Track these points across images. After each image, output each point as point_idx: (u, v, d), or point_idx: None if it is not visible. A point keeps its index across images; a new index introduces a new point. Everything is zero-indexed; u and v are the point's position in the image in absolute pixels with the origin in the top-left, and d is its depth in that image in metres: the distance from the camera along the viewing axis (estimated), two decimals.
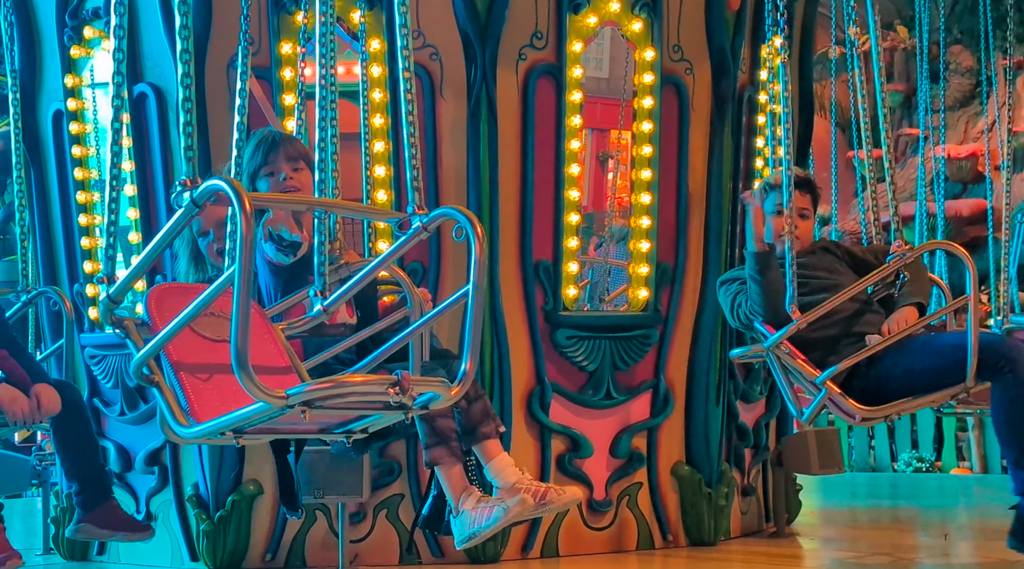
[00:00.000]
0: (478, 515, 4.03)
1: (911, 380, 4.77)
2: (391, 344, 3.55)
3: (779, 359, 4.84)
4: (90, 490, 4.81)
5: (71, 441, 4.82)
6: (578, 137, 6.31)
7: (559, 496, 4.16)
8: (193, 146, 3.25)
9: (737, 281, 5.18)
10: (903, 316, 4.97)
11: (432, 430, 4.08)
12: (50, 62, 6.60)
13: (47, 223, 6.69)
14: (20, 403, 4.62)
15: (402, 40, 3.60)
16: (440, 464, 4.12)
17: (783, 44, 5.30)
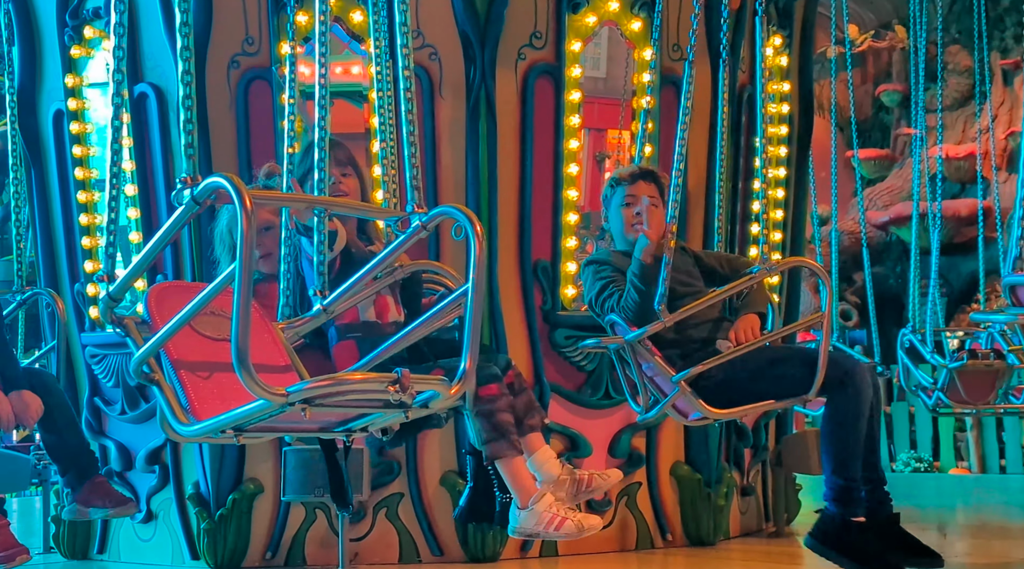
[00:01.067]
0: (548, 520, 4.16)
1: (757, 387, 4.92)
2: (391, 342, 3.56)
3: (634, 354, 4.96)
4: (71, 471, 4.88)
5: (49, 427, 4.89)
6: (577, 137, 6.32)
7: (603, 480, 4.40)
8: (194, 144, 3.26)
9: (609, 267, 5.20)
10: (749, 324, 5.11)
11: (492, 425, 4.16)
12: (50, 62, 6.61)
13: (48, 222, 6.69)
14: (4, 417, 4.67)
15: (402, 39, 3.61)
16: (501, 458, 4.20)
17: (784, 43, 5.32)
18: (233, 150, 6.03)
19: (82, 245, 6.51)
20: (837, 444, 4.81)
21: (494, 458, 4.18)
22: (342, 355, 4.20)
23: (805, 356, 4.93)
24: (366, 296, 4.13)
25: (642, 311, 4.91)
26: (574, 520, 4.20)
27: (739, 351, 4.89)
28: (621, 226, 5.22)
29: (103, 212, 6.47)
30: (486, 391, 4.12)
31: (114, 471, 6.45)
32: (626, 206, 5.26)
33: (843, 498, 4.83)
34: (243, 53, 6.06)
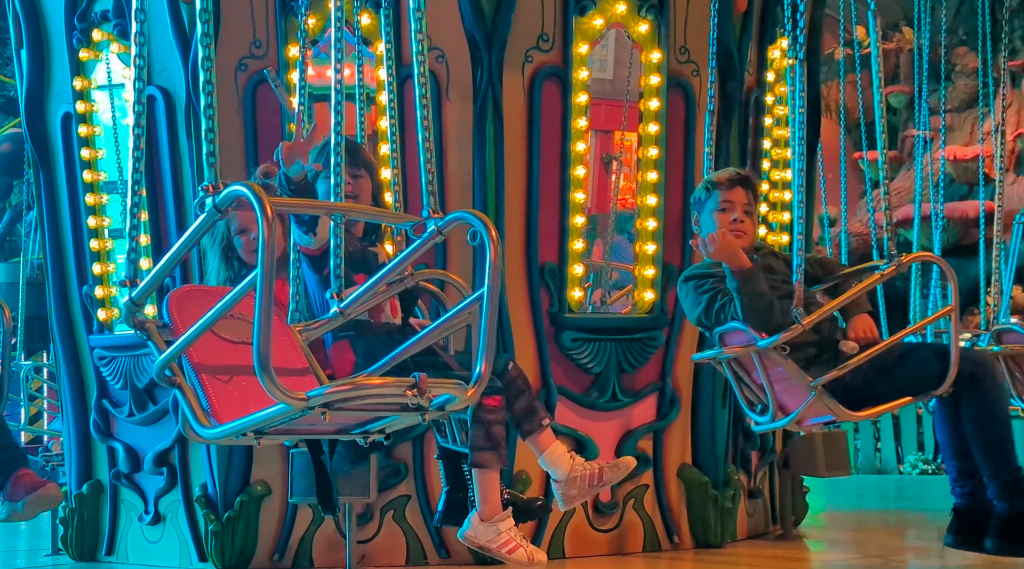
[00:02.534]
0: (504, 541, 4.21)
1: (887, 385, 4.86)
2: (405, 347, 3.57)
3: (762, 362, 4.85)
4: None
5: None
6: (584, 139, 6.33)
7: (614, 472, 4.38)
8: (215, 153, 3.27)
9: (712, 278, 5.06)
10: (867, 323, 5.05)
11: (487, 434, 4.17)
12: (59, 65, 6.62)
13: (56, 225, 6.70)
14: None
15: (416, 45, 3.62)
16: (486, 467, 4.21)
17: (791, 46, 5.30)
18: (241, 153, 6.04)
19: (90, 247, 6.52)
20: (989, 442, 4.69)
21: (480, 465, 4.18)
22: (337, 354, 4.21)
23: (934, 351, 4.83)
24: (378, 301, 4.14)
25: (761, 316, 4.82)
26: (527, 550, 4.23)
27: (875, 351, 4.78)
28: (714, 231, 5.13)
29: (111, 214, 6.53)
30: (490, 401, 4.13)
31: (122, 473, 6.46)
32: (721, 212, 5.15)
33: (1010, 493, 4.70)
34: (250, 56, 6.07)
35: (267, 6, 6.01)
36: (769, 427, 5.00)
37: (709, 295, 4.97)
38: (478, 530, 4.25)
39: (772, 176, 7.07)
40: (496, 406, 4.21)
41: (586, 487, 4.37)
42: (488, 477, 4.23)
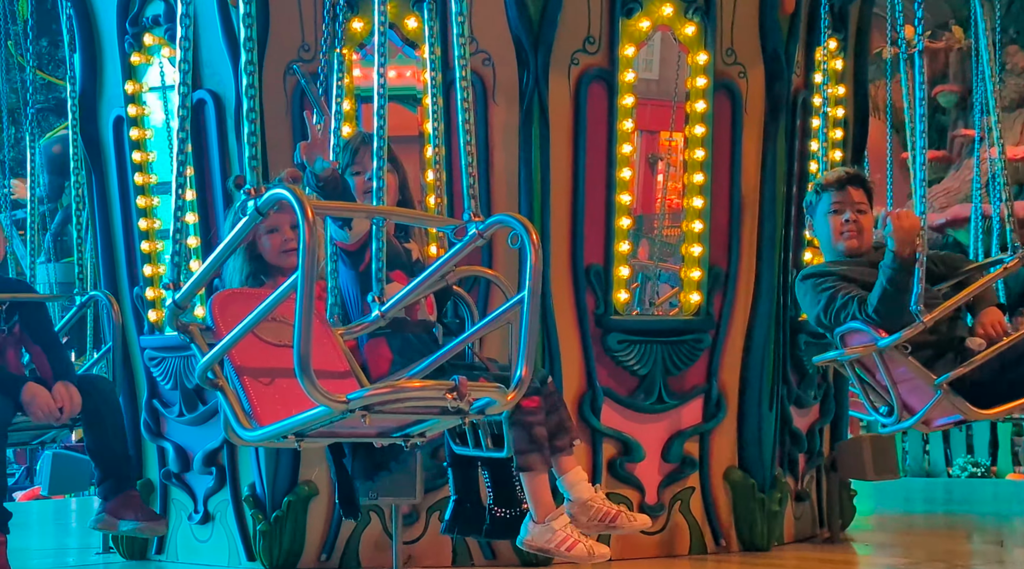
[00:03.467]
0: (562, 540, 4.17)
1: (1014, 382, 4.77)
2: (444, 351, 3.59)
3: (885, 361, 4.76)
4: (110, 479, 4.88)
5: (96, 431, 4.89)
6: (629, 141, 6.31)
7: (629, 522, 4.33)
8: (257, 156, 3.31)
9: (831, 277, 5.02)
10: (996, 317, 4.95)
11: (530, 437, 4.15)
12: (111, 68, 6.70)
13: (108, 227, 6.78)
14: (40, 400, 4.70)
15: (459, 49, 3.64)
16: (532, 470, 4.19)
17: (839, 46, 5.29)
18: (289, 155, 6.05)
19: (141, 249, 6.59)
20: None
21: (525, 469, 4.16)
22: (373, 352, 4.20)
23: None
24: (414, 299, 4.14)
25: (900, 310, 4.68)
26: (586, 545, 4.20)
27: (1003, 346, 4.70)
28: (829, 234, 5.09)
29: (163, 217, 6.60)
30: (529, 403, 4.11)
31: (172, 473, 6.52)
32: (834, 213, 5.13)
33: None
34: (299, 59, 6.11)
35: (315, 9, 6.05)
36: (896, 428, 4.92)
37: (829, 292, 4.92)
38: (534, 533, 4.23)
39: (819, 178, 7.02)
40: (535, 407, 4.20)
41: (596, 520, 4.29)
42: (536, 479, 4.21)
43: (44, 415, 4.74)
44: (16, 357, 5.04)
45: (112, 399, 4.99)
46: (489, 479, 4.49)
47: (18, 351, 5.06)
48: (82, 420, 4.90)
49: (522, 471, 4.20)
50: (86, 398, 4.85)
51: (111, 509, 4.83)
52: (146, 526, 4.86)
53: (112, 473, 4.87)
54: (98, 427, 4.88)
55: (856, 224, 5.06)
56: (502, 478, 4.49)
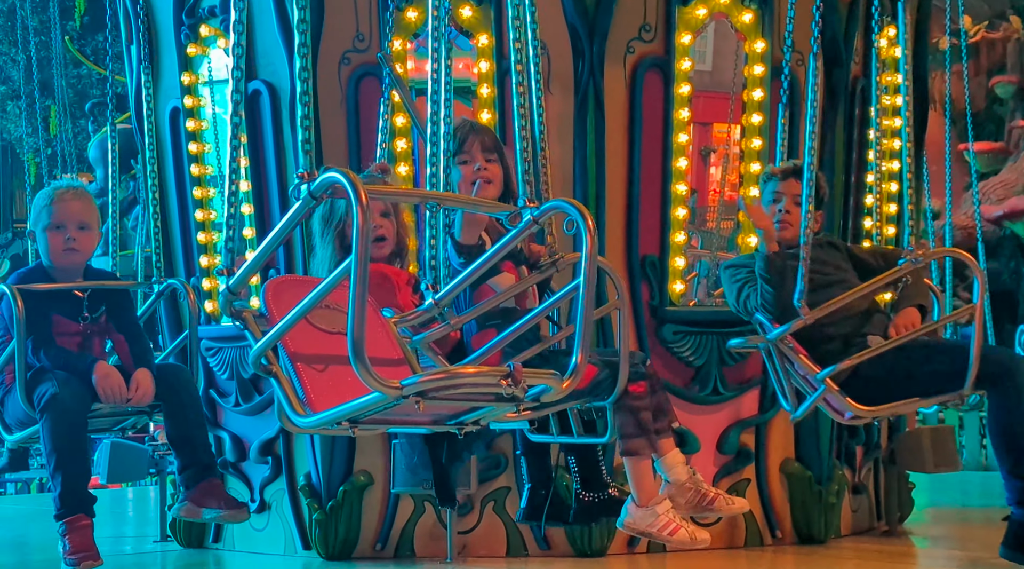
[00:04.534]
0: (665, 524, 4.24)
1: (910, 383, 4.79)
2: (504, 335, 3.58)
3: (780, 352, 4.87)
4: (191, 468, 4.90)
5: (175, 420, 4.92)
6: (686, 130, 6.27)
7: (728, 505, 4.44)
8: (311, 139, 3.30)
9: (744, 269, 5.18)
10: (908, 319, 4.97)
11: (637, 421, 4.22)
12: (167, 60, 6.74)
13: (164, 218, 6.82)
14: (111, 379, 4.73)
15: (514, 33, 3.62)
16: (638, 455, 4.25)
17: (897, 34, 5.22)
18: (344, 146, 6.09)
19: (197, 240, 6.63)
20: (1007, 443, 4.66)
21: (631, 453, 4.21)
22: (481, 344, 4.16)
23: (960, 351, 4.76)
24: (520, 289, 4.16)
25: (782, 308, 4.82)
26: (688, 529, 4.26)
27: (884, 347, 4.77)
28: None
29: (218, 208, 6.64)
30: (636, 388, 4.18)
31: (229, 462, 6.56)
32: (772, 203, 5.19)
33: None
34: (353, 50, 6.12)
35: (370, 0, 6.05)
36: (795, 417, 4.99)
37: (738, 285, 5.10)
38: (636, 517, 4.28)
39: (879, 167, 6.94)
40: (642, 392, 4.26)
41: (694, 502, 4.38)
42: (641, 464, 4.27)
43: (112, 396, 4.76)
44: (101, 346, 5.09)
45: (192, 387, 5.03)
46: (576, 464, 4.51)
47: (103, 341, 5.11)
48: (162, 408, 4.94)
49: (627, 456, 4.26)
50: (165, 387, 4.88)
51: (194, 497, 4.86)
52: (229, 514, 4.90)
53: (194, 461, 4.91)
54: (179, 416, 4.92)
55: (789, 215, 5.10)
56: (588, 462, 4.51)
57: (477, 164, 4.36)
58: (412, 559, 6.04)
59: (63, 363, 4.79)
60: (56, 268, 5.02)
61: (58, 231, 4.97)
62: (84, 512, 4.70)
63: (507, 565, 5.91)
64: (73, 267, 5.04)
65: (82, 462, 4.74)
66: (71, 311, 4.99)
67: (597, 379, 4.11)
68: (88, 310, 5.02)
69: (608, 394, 4.08)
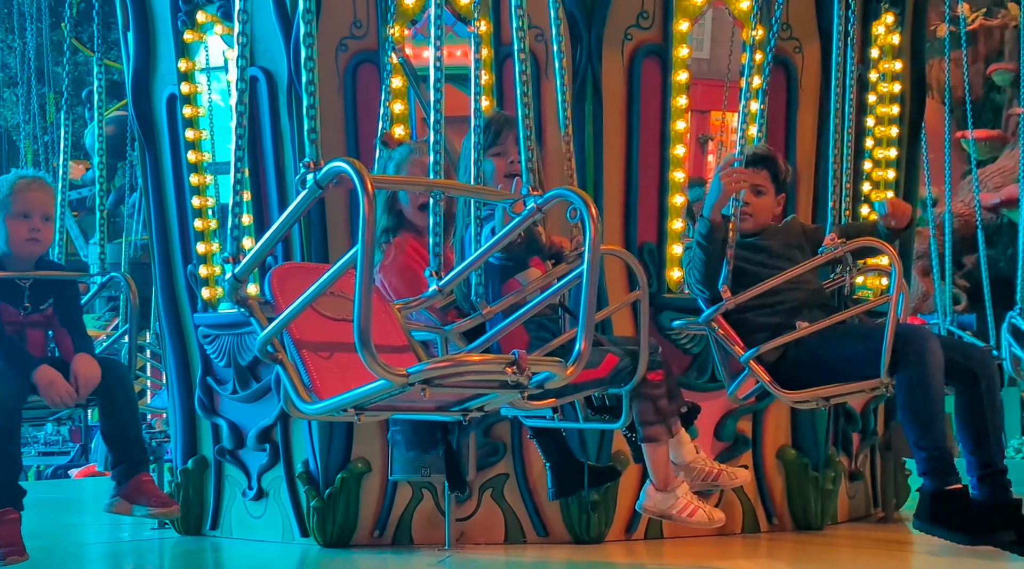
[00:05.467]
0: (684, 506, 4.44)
1: (836, 368, 4.83)
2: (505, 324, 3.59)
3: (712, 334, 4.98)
4: (123, 463, 4.90)
5: (111, 416, 4.92)
6: (683, 118, 6.27)
7: (731, 479, 4.65)
8: (316, 128, 3.31)
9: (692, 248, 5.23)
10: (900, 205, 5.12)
11: (656, 409, 4.35)
12: (164, 47, 6.72)
13: (161, 205, 6.82)
14: (57, 387, 4.73)
15: (517, 21, 3.61)
16: (658, 441, 4.40)
17: (896, 21, 5.24)
18: (342, 133, 6.08)
19: (194, 227, 6.62)
20: (911, 415, 4.71)
21: (651, 440, 4.30)
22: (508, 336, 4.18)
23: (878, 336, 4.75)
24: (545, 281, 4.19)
25: (709, 276, 4.89)
26: (706, 510, 4.46)
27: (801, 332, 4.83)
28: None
29: (214, 194, 6.63)
30: (655, 376, 4.28)
31: (226, 449, 6.57)
32: None
33: (933, 468, 4.71)
34: (351, 36, 6.11)
35: None
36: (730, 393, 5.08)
37: (687, 259, 5.19)
38: (655, 499, 4.44)
39: (875, 155, 6.96)
40: (659, 380, 4.39)
41: (699, 480, 4.54)
42: (660, 449, 4.41)
43: (60, 402, 4.77)
44: (43, 339, 5.07)
45: (127, 383, 5.01)
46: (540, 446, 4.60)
47: (45, 332, 5.08)
48: (97, 403, 4.92)
49: (647, 442, 4.40)
50: (101, 383, 4.86)
51: (125, 493, 4.87)
52: (159, 511, 4.91)
53: (126, 457, 4.91)
54: (112, 411, 4.91)
55: (749, 206, 5.12)
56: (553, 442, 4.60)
57: (510, 158, 4.40)
58: (410, 546, 6.05)
59: (6, 354, 4.77)
60: (13, 256, 5.00)
61: (24, 220, 4.96)
62: (13, 505, 4.69)
63: (505, 552, 5.92)
64: (31, 257, 5.03)
65: (14, 456, 4.75)
66: (15, 299, 4.97)
67: (618, 367, 4.18)
68: (29, 300, 5.00)
69: (627, 382, 4.15)
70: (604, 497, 5.92)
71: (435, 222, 3.84)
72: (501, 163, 4.42)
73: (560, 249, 4.31)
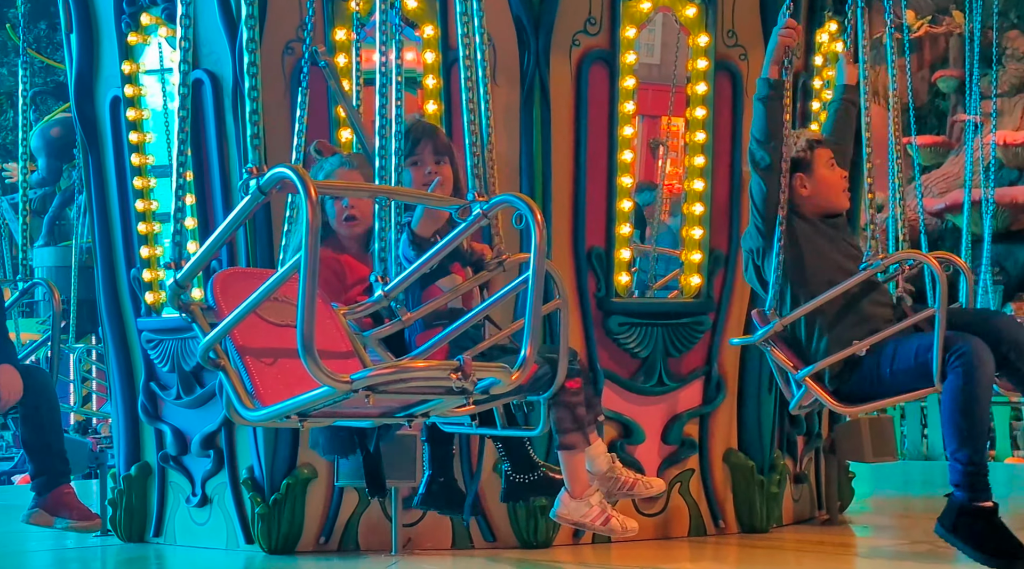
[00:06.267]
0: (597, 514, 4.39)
1: (894, 381, 4.91)
2: (450, 330, 3.58)
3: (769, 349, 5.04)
4: (45, 474, 4.84)
5: (32, 425, 4.84)
6: (631, 123, 6.29)
7: (646, 489, 4.57)
8: (259, 134, 3.29)
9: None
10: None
11: (573, 417, 4.31)
12: (108, 49, 6.66)
13: (105, 208, 6.75)
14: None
15: (461, 27, 3.61)
16: (574, 449, 4.35)
17: (840, 29, 5.28)
18: (287, 136, 6.03)
19: (138, 231, 6.56)
20: (952, 426, 4.76)
21: (568, 447, 4.29)
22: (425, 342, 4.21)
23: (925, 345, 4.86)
24: (467, 288, 4.19)
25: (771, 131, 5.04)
26: (619, 519, 4.40)
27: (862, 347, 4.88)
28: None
29: (160, 198, 6.58)
30: (573, 383, 4.26)
31: (169, 455, 6.51)
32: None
33: (966, 482, 4.79)
34: (297, 39, 6.07)
35: None
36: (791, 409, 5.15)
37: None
38: (570, 508, 4.40)
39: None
40: (578, 388, 4.34)
41: (615, 489, 4.51)
42: (576, 457, 4.37)
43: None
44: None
45: (50, 392, 4.94)
46: (503, 448, 4.59)
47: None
48: (19, 413, 4.85)
49: (563, 450, 4.34)
50: (24, 390, 4.79)
51: (46, 505, 4.82)
52: (80, 524, 4.87)
53: (47, 469, 4.85)
54: (35, 420, 4.83)
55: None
56: (515, 445, 4.59)
57: (428, 168, 4.38)
58: (356, 552, 6.03)
59: None
60: None
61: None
62: None
63: (452, 557, 5.91)
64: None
65: None
66: None
67: (537, 374, 4.16)
68: None
69: (546, 389, 4.14)
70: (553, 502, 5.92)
71: (380, 228, 3.82)
72: (418, 173, 4.39)
73: (481, 256, 4.31)
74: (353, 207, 4.39)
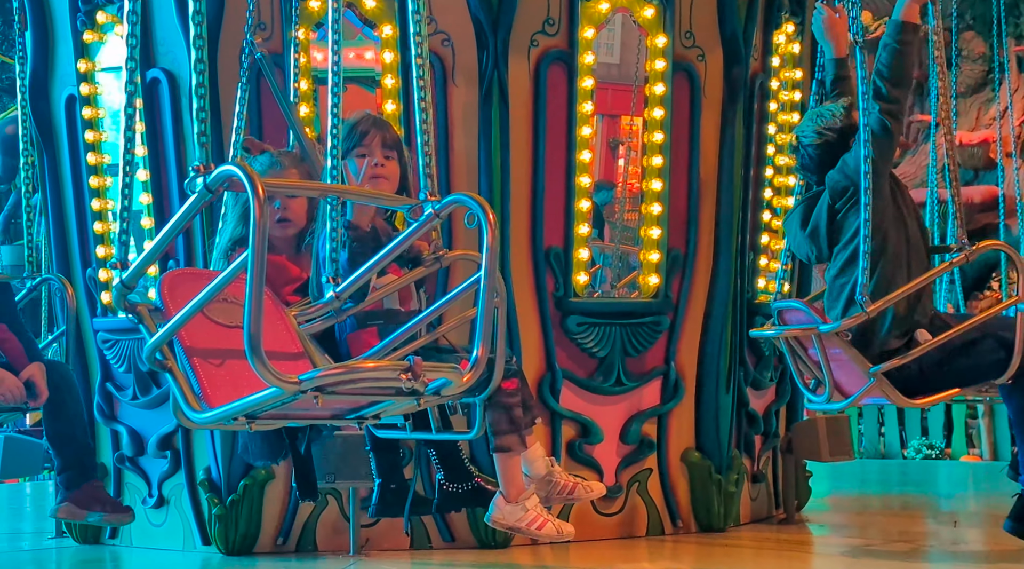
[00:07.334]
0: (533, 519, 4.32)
1: (951, 373, 4.90)
2: (404, 329, 3.57)
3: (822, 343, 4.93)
4: (73, 468, 4.81)
5: (58, 419, 4.82)
6: (589, 123, 6.30)
7: (587, 492, 4.51)
8: (206, 131, 3.26)
9: None
10: None
11: (510, 418, 4.25)
12: (63, 47, 6.61)
13: (60, 207, 6.70)
14: (7, 385, 4.62)
15: (415, 27, 3.60)
16: (510, 451, 4.29)
17: (797, 30, 5.31)
18: (245, 135, 6.00)
19: (94, 230, 6.51)
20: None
21: (504, 449, 4.23)
22: (359, 342, 4.17)
23: (999, 341, 4.88)
24: (402, 285, 4.16)
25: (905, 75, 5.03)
26: (555, 524, 4.34)
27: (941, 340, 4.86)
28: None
29: (116, 198, 6.52)
30: (509, 384, 4.20)
31: (126, 456, 6.46)
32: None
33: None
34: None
35: None
36: (824, 407, 5.09)
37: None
38: (505, 511, 4.33)
39: (776, 161, 7.04)
40: (515, 389, 4.29)
41: (554, 494, 4.46)
42: (512, 460, 4.31)
43: (10, 399, 4.66)
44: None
45: (73, 386, 4.93)
46: (436, 456, 4.55)
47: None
48: (43, 407, 4.82)
49: (499, 452, 4.28)
50: (48, 385, 4.77)
51: (77, 499, 4.77)
52: (113, 517, 4.84)
53: (75, 463, 4.81)
54: (60, 415, 4.81)
55: None
56: (449, 453, 4.55)
57: (375, 160, 4.33)
58: (314, 553, 6.00)
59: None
60: None
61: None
62: None
63: (411, 558, 5.90)
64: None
65: None
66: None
67: None
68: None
69: (483, 390, 4.08)
70: None
71: (332, 228, 3.81)
72: (365, 165, 4.36)
73: (418, 252, 4.28)
74: (286, 209, 4.36)
